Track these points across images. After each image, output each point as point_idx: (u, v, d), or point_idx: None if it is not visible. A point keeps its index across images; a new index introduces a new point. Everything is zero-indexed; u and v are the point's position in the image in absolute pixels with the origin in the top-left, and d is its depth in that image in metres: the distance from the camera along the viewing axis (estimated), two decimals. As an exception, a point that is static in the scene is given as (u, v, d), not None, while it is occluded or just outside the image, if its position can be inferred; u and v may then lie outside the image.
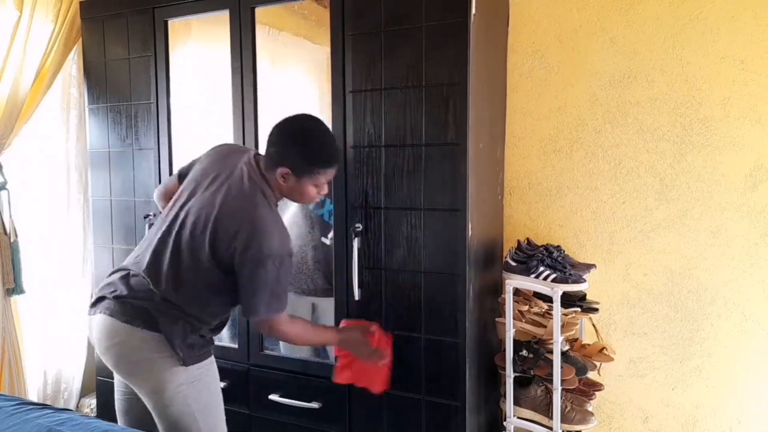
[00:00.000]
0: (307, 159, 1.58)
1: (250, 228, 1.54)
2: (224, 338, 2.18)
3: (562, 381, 1.82)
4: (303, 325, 1.73)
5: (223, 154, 1.74)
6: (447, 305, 1.81)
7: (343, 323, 1.88)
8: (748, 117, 1.92)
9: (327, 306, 2.06)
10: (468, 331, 1.80)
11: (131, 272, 1.63)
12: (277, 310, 1.59)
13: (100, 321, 1.61)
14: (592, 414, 1.94)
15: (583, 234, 2.15)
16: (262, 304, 1.57)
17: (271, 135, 1.63)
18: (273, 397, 2.07)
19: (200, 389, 1.62)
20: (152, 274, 1.60)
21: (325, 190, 1.66)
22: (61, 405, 2.57)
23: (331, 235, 1.92)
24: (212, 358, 1.68)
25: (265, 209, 1.59)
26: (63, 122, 2.57)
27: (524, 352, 1.90)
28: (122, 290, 1.60)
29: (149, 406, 1.62)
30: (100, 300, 1.63)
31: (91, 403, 2.60)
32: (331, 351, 1.99)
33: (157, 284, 1.59)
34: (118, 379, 1.72)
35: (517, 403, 1.95)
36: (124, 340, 1.58)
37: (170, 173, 2.26)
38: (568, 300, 1.91)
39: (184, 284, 1.59)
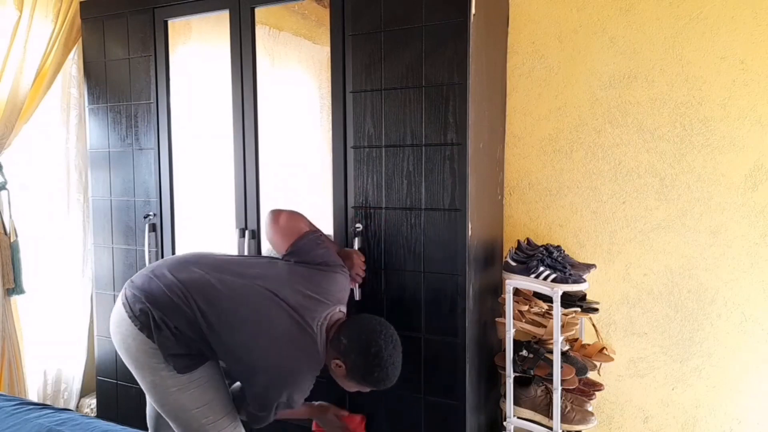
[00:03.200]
0: (365, 374, 1.63)
1: (285, 374, 1.61)
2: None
3: (562, 381, 1.82)
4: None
5: (319, 285, 1.73)
6: (447, 305, 1.81)
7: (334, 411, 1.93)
8: (748, 117, 1.92)
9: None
10: (468, 331, 1.80)
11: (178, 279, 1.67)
12: (266, 417, 1.66)
13: (118, 306, 1.69)
14: (592, 414, 1.94)
15: (583, 234, 2.15)
16: (261, 406, 1.63)
17: (351, 327, 1.65)
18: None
19: (194, 390, 1.65)
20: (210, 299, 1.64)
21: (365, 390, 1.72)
22: (61, 405, 2.57)
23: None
24: (210, 363, 1.69)
25: (308, 369, 1.65)
26: (63, 122, 2.57)
27: (524, 352, 1.90)
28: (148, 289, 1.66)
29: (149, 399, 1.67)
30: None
31: (91, 403, 2.60)
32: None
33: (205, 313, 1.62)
34: None
35: (517, 403, 1.95)
36: (125, 334, 1.64)
37: (170, 173, 2.26)
38: (568, 300, 1.91)
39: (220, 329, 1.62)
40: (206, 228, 2.28)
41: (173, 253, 2.28)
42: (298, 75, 2.10)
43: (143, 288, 1.65)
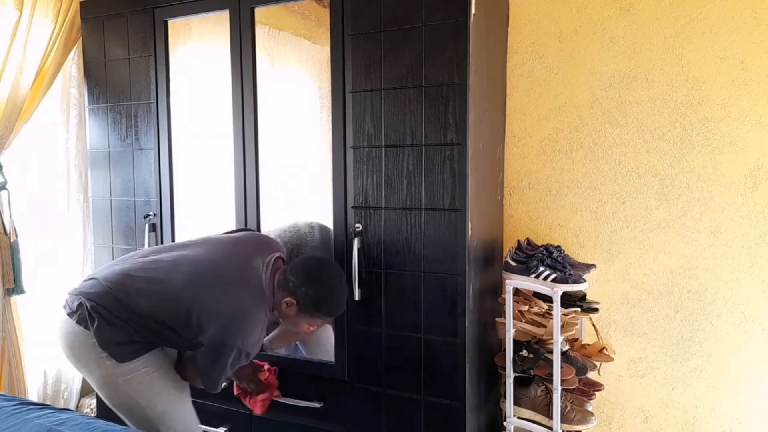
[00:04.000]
0: (316, 304, 1.71)
1: (240, 320, 1.65)
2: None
3: (562, 381, 1.82)
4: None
5: (255, 239, 1.90)
6: (447, 305, 1.81)
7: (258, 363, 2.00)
8: (748, 117, 1.92)
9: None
10: (468, 331, 1.80)
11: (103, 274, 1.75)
12: (218, 381, 1.70)
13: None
14: (592, 414, 1.94)
15: (583, 234, 2.15)
16: (207, 374, 1.68)
17: (297, 265, 1.75)
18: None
19: (141, 379, 1.68)
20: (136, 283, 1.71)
21: (314, 331, 1.83)
22: (61, 405, 2.57)
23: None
24: (154, 351, 1.73)
25: (258, 308, 1.70)
26: (63, 122, 2.57)
27: (524, 352, 1.90)
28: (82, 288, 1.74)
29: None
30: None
31: (91, 403, 2.60)
32: (333, 353, 2.00)
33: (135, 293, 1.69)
34: None
35: (517, 403, 1.95)
36: (67, 331, 1.71)
37: (170, 173, 2.26)
38: (568, 300, 1.91)
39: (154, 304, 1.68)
40: (206, 228, 2.27)
41: (173, 253, 2.28)
42: (298, 75, 2.10)
43: (78, 289, 1.74)
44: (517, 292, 1.94)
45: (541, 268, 1.88)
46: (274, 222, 2.12)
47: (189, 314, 1.66)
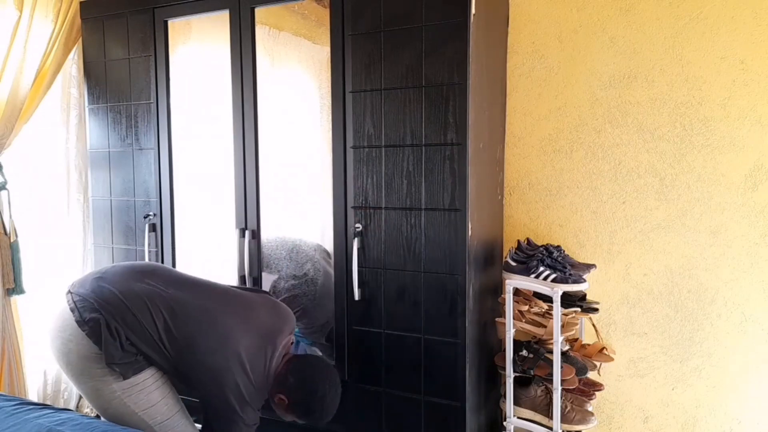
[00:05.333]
0: (305, 411, 1.75)
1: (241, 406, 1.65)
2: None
3: (562, 381, 1.82)
4: None
5: (277, 315, 1.84)
6: (447, 305, 1.81)
7: None
8: (748, 117, 1.92)
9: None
10: (468, 331, 1.80)
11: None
12: (256, 411, 1.71)
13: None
14: (592, 414, 1.94)
15: (583, 234, 2.15)
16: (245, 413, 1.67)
17: (298, 368, 1.75)
18: (273, 397, 2.07)
19: (138, 393, 1.65)
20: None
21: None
22: (61, 405, 2.57)
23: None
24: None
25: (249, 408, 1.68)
26: (63, 122, 2.57)
27: (524, 352, 1.90)
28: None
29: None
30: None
31: (91, 403, 2.60)
32: (333, 350, 2.00)
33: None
34: None
35: (517, 403, 1.95)
36: (69, 339, 1.64)
37: (170, 173, 2.26)
38: (568, 300, 1.91)
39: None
40: (206, 228, 2.28)
41: (173, 253, 2.28)
42: (298, 75, 2.10)
43: (96, 295, 1.64)
44: (517, 292, 1.94)
45: (541, 268, 1.88)
46: (274, 227, 2.12)
47: (204, 374, 1.65)
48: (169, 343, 1.64)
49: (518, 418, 1.95)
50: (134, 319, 1.62)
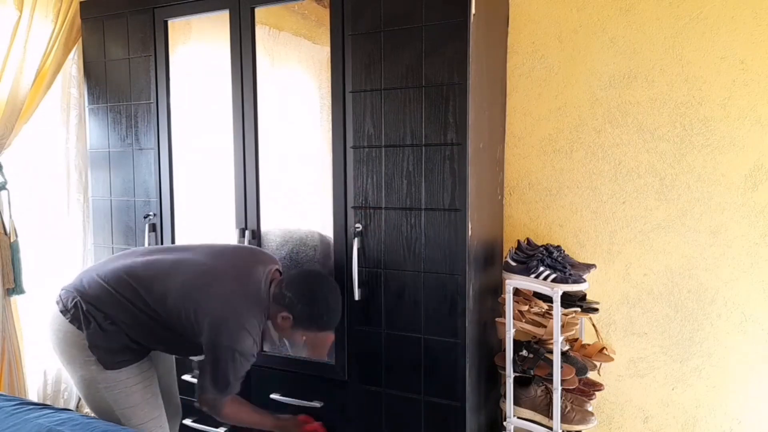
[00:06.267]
0: (310, 319, 1.73)
1: (234, 320, 1.66)
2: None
3: (562, 381, 1.82)
4: (240, 405, 1.81)
5: (255, 251, 1.91)
6: (447, 305, 1.81)
7: (300, 418, 1.92)
8: (748, 117, 1.92)
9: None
10: (468, 331, 1.80)
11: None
12: (224, 391, 1.69)
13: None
14: (592, 414, 1.94)
15: (583, 234, 2.15)
16: (214, 383, 1.67)
17: (293, 281, 1.76)
18: (274, 396, 2.07)
19: (120, 390, 1.71)
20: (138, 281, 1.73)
21: (307, 341, 1.83)
22: (61, 405, 2.57)
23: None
24: (141, 362, 1.75)
25: (251, 313, 1.70)
26: (63, 122, 2.57)
27: (524, 352, 1.90)
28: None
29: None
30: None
31: (91, 403, 2.60)
32: (333, 350, 2.00)
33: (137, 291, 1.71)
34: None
35: (517, 403, 1.95)
36: (57, 329, 1.72)
37: (170, 173, 2.26)
38: (568, 300, 1.91)
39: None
40: (206, 228, 2.28)
41: (173, 253, 2.28)
42: (298, 75, 2.10)
43: (75, 285, 1.75)
44: (517, 292, 1.94)
45: (541, 268, 1.88)
46: (274, 223, 2.12)
47: (188, 312, 1.67)
48: (155, 303, 1.69)
49: (518, 418, 1.95)
50: (114, 297, 1.69)
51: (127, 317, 1.69)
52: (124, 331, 1.70)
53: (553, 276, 1.86)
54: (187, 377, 2.20)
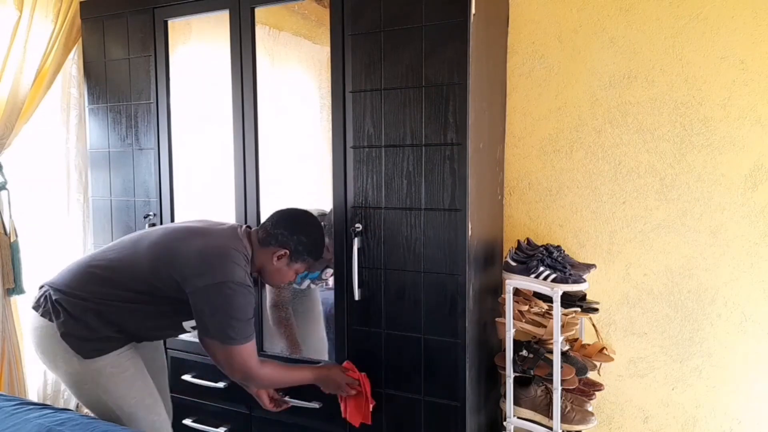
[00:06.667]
0: (306, 248, 1.78)
1: (217, 255, 1.65)
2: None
3: (562, 381, 1.82)
4: (273, 363, 1.79)
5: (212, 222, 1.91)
6: (447, 305, 1.81)
7: (345, 364, 1.90)
8: (748, 117, 1.92)
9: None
10: (468, 331, 1.80)
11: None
12: (240, 336, 1.61)
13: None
14: (592, 414, 1.94)
15: (583, 234, 2.15)
16: (224, 331, 1.61)
17: (280, 219, 1.79)
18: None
19: (107, 379, 1.68)
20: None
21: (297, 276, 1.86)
22: (61, 405, 2.57)
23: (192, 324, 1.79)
24: (122, 350, 1.72)
25: (232, 247, 1.68)
26: (63, 122, 2.57)
27: (524, 352, 1.90)
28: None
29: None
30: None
31: (91, 403, 2.59)
32: (333, 351, 2.00)
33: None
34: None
35: (517, 403, 1.95)
36: (34, 326, 1.71)
37: (170, 173, 2.26)
38: (568, 300, 1.91)
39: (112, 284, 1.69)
40: (206, 228, 2.27)
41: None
42: (298, 75, 2.10)
43: (45, 281, 1.77)
44: (517, 292, 1.94)
45: (541, 268, 1.88)
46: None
47: (166, 264, 1.65)
48: (125, 270, 1.69)
49: (518, 418, 1.95)
50: (82, 277, 1.70)
51: (99, 297, 1.66)
52: (95, 312, 1.66)
53: (553, 276, 1.86)
54: (187, 377, 2.20)
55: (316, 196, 2.06)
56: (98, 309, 1.67)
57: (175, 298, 1.66)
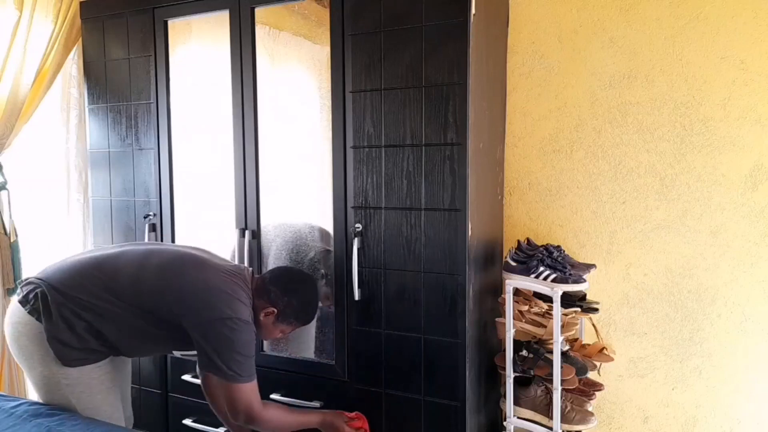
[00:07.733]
0: (294, 312, 1.78)
1: (222, 292, 1.65)
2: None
3: (562, 381, 1.82)
4: (278, 408, 1.77)
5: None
6: (447, 305, 1.81)
7: (349, 415, 1.87)
8: (748, 117, 1.92)
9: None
10: (468, 331, 1.80)
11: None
12: (241, 375, 1.60)
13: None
14: (592, 414, 1.94)
15: (583, 234, 2.15)
16: (224, 364, 1.59)
17: (276, 277, 1.80)
18: (274, 396, 2.07)
19: (82, 390, 1.65)
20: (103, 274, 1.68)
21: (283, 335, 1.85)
22: (61, 405, 2.56)
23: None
24: (101, 363, 1.68)
25: (243, 291, 1.70)
26: (63, 122, 2.57)
27: (524, 352, 1.90)
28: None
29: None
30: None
31: (91, 403, 2.59)
32: (333, 351, 2.00)
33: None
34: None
35: (517, 403, 1.95)
36: (16, 321, 1.66)
37: (170, 173, 2.26)
38: (568, 300, 1.91)
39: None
40: (206, 228, 2.28)
41: (173, 253, 2.28)
42: (298, 75, 2.10)
43: (37, 276, 1.68)
44: (517, 292, 1.94)
45: (541, 268, 1.88)
46: (274, 223, 2.12)
47: (171, 291, 1.64)
48: (126, 288, 1.64)
49: (518, 418, 1.95)
50: (81, 285, 1.63)
51: (98, 303, 1.62)
52: (88, 323, 1.61)
53: (553, 276, 1.86)
54: (187, 377, 2.20)
55: (316, 195, 2.06)
56: (92, 319, 1.62)
57: (173, 324, 1.64)
